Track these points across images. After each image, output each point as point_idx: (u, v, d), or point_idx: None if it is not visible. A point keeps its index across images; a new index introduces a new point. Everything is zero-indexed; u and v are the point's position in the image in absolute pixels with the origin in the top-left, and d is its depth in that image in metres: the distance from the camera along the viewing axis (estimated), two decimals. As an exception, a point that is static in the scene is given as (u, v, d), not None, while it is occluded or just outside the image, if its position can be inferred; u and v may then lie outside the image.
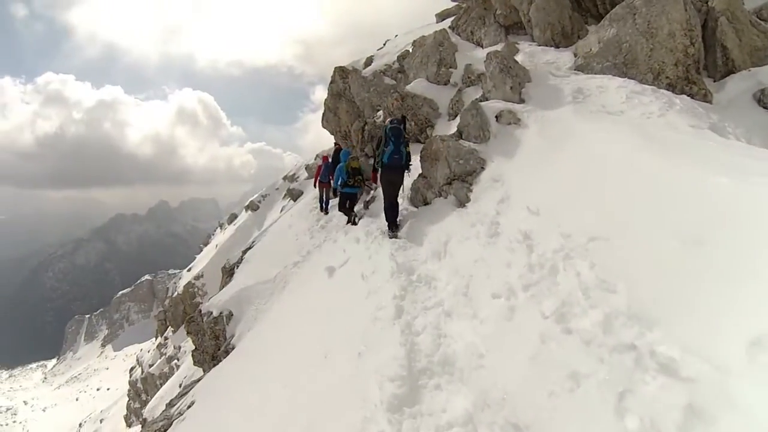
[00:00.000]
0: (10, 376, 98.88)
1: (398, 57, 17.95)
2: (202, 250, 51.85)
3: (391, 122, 8.53)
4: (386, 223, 8.60)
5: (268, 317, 11.03)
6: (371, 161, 12.24)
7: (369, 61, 19.72)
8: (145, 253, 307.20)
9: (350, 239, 10.18)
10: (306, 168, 43.74)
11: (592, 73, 9.72)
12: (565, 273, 4.20)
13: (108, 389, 65.98)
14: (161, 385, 38.77)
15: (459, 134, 8.85)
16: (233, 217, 52.10)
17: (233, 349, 11.09)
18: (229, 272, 20.25)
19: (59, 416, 66.87)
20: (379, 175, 8.66)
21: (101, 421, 52.84)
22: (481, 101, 9.38)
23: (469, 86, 12.80)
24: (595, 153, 5.83)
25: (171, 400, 16.42)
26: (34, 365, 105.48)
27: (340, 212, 12.55)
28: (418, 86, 13.73)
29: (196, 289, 40.30)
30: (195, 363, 16.63)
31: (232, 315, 12.53)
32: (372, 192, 13.01)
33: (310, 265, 11.90)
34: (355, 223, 11.45)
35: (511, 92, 9.42)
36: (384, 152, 8.34)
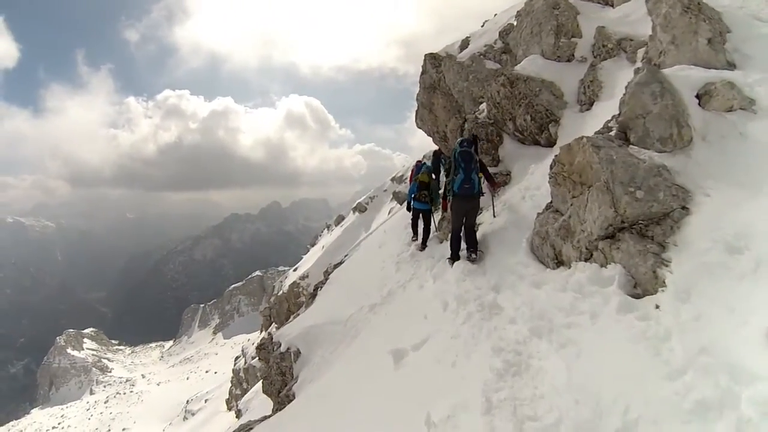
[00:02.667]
0: (132, 352, 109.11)
1: (500, 33, 14.06)
2: (309, 251, 52.20)
3: (460, 144, 7.41)
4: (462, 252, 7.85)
5: (323, 383, 8.74)
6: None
7: (465, 44, 15.91)
8: (257, 250, 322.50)
9: (438, 297, 6.98)
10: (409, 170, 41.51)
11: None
12: None
13: (215, 373, 69.95)
14: (260, 377, 39.17)
15: (622, 134, 4.79)
16: (340, 219, 52.14)
17: (294, 397, 9.84)
18: (312, 294, 19.43)
19: (170, 391, 72.12)
20: (449, 204, 7.78)
21: (205, 401, 55.43)
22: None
23: (605, 59, 8.95)
24: None
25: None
26: (153, 345, 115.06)
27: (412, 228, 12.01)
28: (531, 65, 9.86)
29: (300, 289, 40.27)
30: (264, 391, 15.79)
31: (299, 354, 11.24)
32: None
33: (382, 324, 8.85)
34: (423, 249, 11.16)
35: (710, 49, 5.22)
36: (454, 180, 7.38)
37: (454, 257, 7.78)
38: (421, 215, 11.13)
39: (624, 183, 4.02)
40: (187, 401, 58.05)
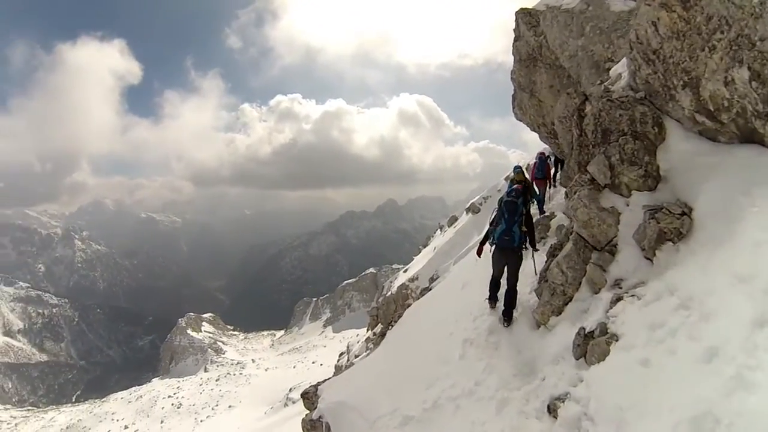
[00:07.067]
0: (245, 338, 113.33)
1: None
2: (420, 252, 49.60)
3: (508, 193, 7.18)
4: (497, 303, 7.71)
5: None
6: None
7: (573, -15, 10.48)
8: (372, 246, 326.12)
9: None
10: (526, 168, 37.27)
11: None
12: None
13: (321, 365, 70.36)
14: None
15: None
16: (453, 220, 48.92)
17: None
18: (382, 331, 20.32)
19: (277, 377, 72.87)
20: (492, 251, 7.34)
21: (307, 392, 55.70)
22: None
23: None
24: None
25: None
26: (265, 333, 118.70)
27: None
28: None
29: (409, 291, 37.49)
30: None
31: (329, 429, 10.15)
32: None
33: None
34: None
35: None
36: (495, 229, 7.10)
37: (492, 298, 7.81)
38: None
39: None
40: (290, 389, 57.91)
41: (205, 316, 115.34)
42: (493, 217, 7.32)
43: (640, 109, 4.88)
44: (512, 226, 6.80)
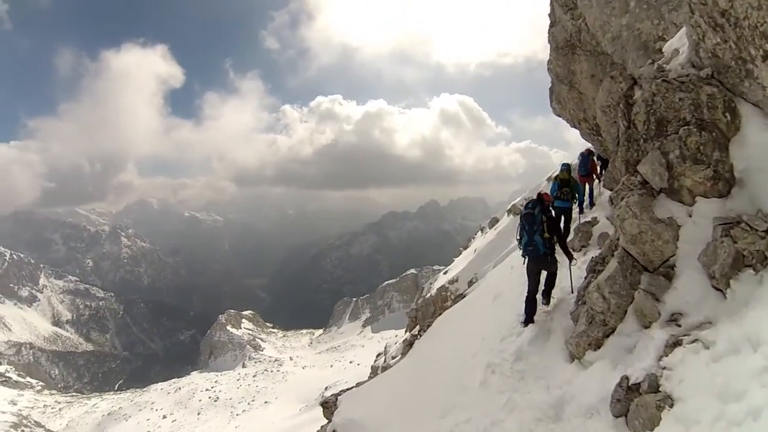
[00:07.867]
0: (283, 336, 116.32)
1: None
2: (461, 253, 49.44)
3: (525, 206, 7.47)
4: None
5: None
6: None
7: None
8: (413, 247, 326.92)
9: None
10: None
11: None
12: None
13: (358, 364, 71.49)
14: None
15: None
16: (494, 221, 48.35)
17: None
18: (410, 341, 19.69)
19: (313, 375, 74.22)
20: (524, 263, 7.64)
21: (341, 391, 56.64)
22: None
23: None
24: None
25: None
26: (304, 331, 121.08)
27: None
28: None
29: (449, 293, 37.10)
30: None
31: None
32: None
33: None
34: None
35: None
36: (520, 242, 7.43)
37: (528, 321, 7.32)
38: (562, 216, 10.77)
39: None
40: (326, 388, 57.98)
41: (245, 313, 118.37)
42: (517, 231, 7.56)
43: (707, 91, 3.84)
44: (533, 236, 7.09)
